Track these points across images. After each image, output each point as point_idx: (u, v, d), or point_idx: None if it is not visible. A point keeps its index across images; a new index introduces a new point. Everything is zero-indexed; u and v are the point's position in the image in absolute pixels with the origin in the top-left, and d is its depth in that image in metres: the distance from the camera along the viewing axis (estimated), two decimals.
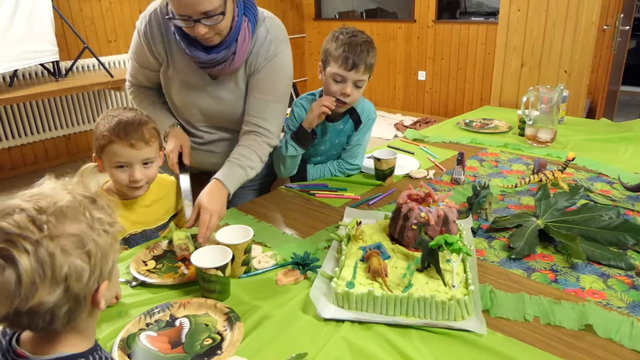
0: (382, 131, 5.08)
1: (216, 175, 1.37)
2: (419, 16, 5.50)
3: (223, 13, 1.29)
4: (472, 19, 5.30)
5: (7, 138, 4.11)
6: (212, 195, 1.31)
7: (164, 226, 1.41)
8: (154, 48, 1.47)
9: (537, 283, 1.10)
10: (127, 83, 1.65)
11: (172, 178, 1.49)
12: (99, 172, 0.74)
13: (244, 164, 1.43)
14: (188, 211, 1.37)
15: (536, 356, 0.88)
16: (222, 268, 1.02)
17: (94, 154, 1.28)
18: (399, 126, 5.40)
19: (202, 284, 1.05)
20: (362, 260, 1.12)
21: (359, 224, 1.23)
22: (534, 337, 0.93)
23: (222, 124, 1.59)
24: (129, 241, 1.34)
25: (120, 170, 1.26)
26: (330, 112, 1.59)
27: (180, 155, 1.51)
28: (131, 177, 1.25)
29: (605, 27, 3.96)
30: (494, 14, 5.29)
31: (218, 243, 1.11)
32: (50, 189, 0.67)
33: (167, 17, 1.37)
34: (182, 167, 1.50)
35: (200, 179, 1.56)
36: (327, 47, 1.60)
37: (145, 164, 1.28)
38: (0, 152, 4.14)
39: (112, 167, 1.26)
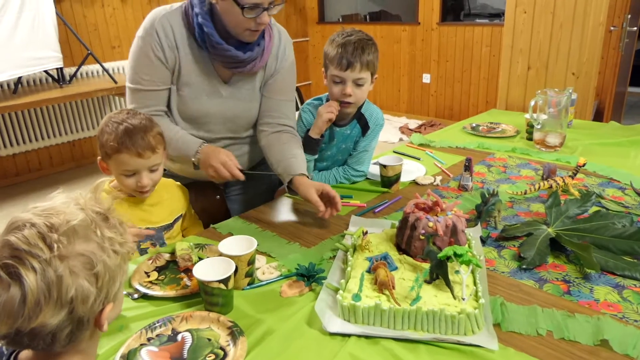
0: (386, 135, 5.05)
1: (301, 171, 1.42)
2: (423, 18, 5.48)
3: (283, 1, 1.34)
4: (477, 20, 5.27)
5: (11, 144, 4.11)
6: (314, 183, 1.39)
7: (169, 227, 1.41)
8: (167, 57, 1.39)
9: (550, 295, 1.07)
10: None
11: (178, 182, 1.51)
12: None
13: (303, 159, 1.49)
14: None
15: None
16: (225, 281, 1.00)
17: (99, 158, 1.29)
18: (404, 129, 5.37)
19: (204, 297, 1.03)
20: (369, 271, 1.09)
21: (365, 233, 1.20)
22: (548, 352, 0.90)
23: (230, 128, 1.55)
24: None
25: (128, 177, 1.28)
26: (334, 118, 1.57)
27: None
28: (139, 183, 1.28)
29: (612, 28, 3.92)
30: (498, 15, 5.26)
31: (221, 254, 1.08)
32: (62, 205, 0.65)
33: (242, 6, 1.26)
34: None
35: (192, 189, 1.56)
36: (326, 51, 1.60)
37: (152, 169, 1.30)
38: (5, 158, 4.14)
39: (120, 174, 1.28)
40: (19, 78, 3.72)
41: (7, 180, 4.18)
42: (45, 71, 3.87)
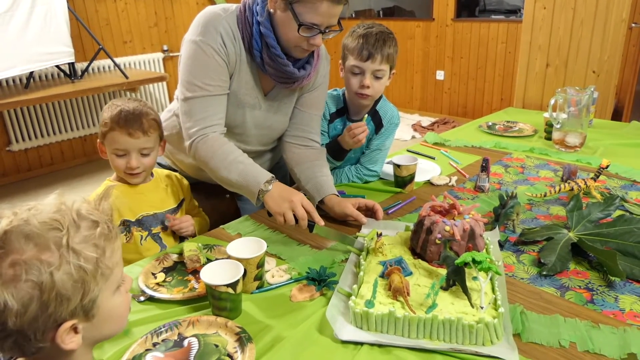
0: (399, 132, 4.98)
1: (332, 192, 1.40)
2: (437, 14, 5.40)
3: (340, 29, 1.30)
4: (493, 17, 5.17)
5: (23, 139, 4.12)
6: (347, 199, 1.39)
7: (174, 210, 1.41)
8: (229, 60, 1.31)
9: (572, 303, 1.02)
10: (194, 138, 1.30)
11: (173, 172, 1.50)
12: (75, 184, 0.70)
13: (332, 179, 1.46)
14: None
15: None
16: (233, 285, 0.96)
17: (98, 140, 1.33)
18: (417, 127, 5.31)
19: (212, 301, 0.99)
20: (382, 276, 1.05)
21: (379, 235, 1.16)
22: None
23: (261, 140, 1.50)
24: (142, 222, 1.34)
25: (119, 157, 1.29)
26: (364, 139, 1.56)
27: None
28: (128, 164, 1.29)
29: (633, 25, 3.82)
30: (514, 11, 5.16)
31: (229, 257, 1.05)
32: (43, 204, 0.62)
33: (300, 23, 1.21)
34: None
35: (202, 187, 1.54)
36: (345, 42, 1.57)
37: (143, 153, 1.31)
38: (17, 153, 4.15)
39: (112, 153, 1.30)
40: (31, 73, 3.72)
41: (20, 175, 4.20)
42: (57, 66, 3.87)
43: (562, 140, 1.92)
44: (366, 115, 1.62)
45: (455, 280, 0.98)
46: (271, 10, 1.26)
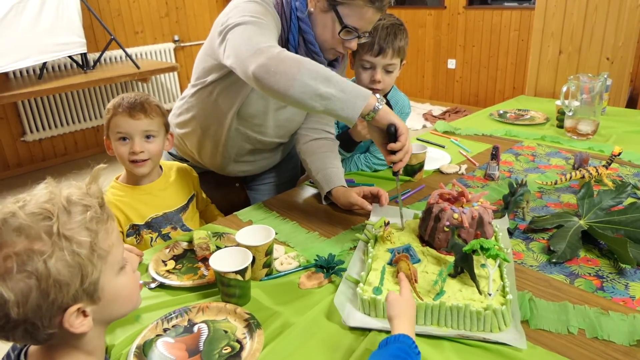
0: (410, 121, 4.95)
1: (341, 183, 1.40)
2: (449, 2, 5.33)
3: (371, 35, 1.31)
4: (506, 4, 5.10)
5: (37, 130, 4.17)
6: (352, 188, 1.39)
7: (184, 208, 1.41)
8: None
9: (581, 291, 1.01)
10: (266, 52, 1.08)
11: (184, 165, 1.50)
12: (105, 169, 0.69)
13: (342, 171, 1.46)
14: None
15: None
16: (242, 272, 0.97)
17: (104, 138, 1.32)
18: (428, 116, 5.27)
19: (221, 288, 1.00)
20: (390, 263, 1.06)
21: (387, 224, 1.16)
22: (580, 352, 0.85)
23: (278, 133, 1.49)
24: (152, 225, 1.34)
25: (122, 143, 1.28)
26: None
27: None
28: (131, 149, 1.27)
29: None
30: None
31: (238, 244, 1.06)
32: (31, 195, 0.63)
33: (344, 26, 1.22)
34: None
35: (211, 177, 1.55)
36: None
37: (147, 137, 1.29)
38: (32, 144, 4.20)
39: (116, 140, 1.28)
40: (44, 64, 3.76)
41: (34, 165, 4.25)
42: (70, 57, 3.90)
43: (574, 127, 1.90)
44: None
45: (463, 267, 0.98)
46: (311, 9, 1.26)
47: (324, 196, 1.42)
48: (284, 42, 1.30)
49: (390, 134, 1.12)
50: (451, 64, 5.55)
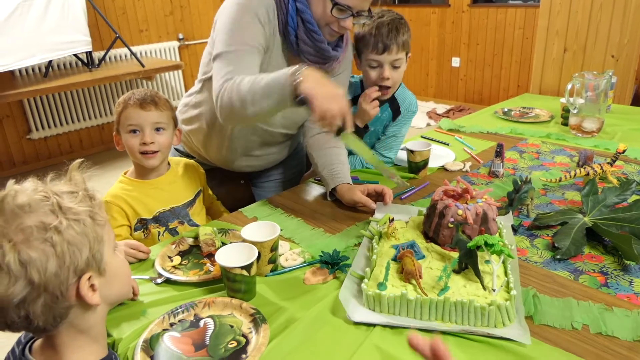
0: (414, 120, 4.94)
1: (346, 180, 1.40)
2: (453, 0, 5.32)
3: (370, 16, 1.30)
4: (510, 2, 5.09)
5: (43, 128, 4.19)
6: (356, 186, 1.39)
7: (191, 203, 1.42)
8: (267, 30, 1.29)
9: (586, 287, 1.02)
10: (219, 90, 1.23)
11: (191, 160, 1.51)
12: (92, 172, 0.74)
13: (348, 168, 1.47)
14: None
15: None
16: (248, 267, 0.98)
17: (114, 134, 1.34)
18: (432, 114, 5.27)
19: (227, 283, 1.01)
20: (395, 259, 1.06)
21: (391, 220, 1.17)
22: (584, 348, 0.86)
23: (284, 124, 1.50)
24: (159, 219, 1.35)
25: (133, 136, 1.30)
26: (378, 110, 1.55)
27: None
28: (142, 141, 1.29)
29: None
30: None
31: (244, 240, 1.06)
32: (7, 191, 0.67)
33: (335, 3, 1.23)
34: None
35: (217, 174, 1.56)
36: (357, 34, 1.55)
37: (157, 130, 1.31)
38: (38, 141, 4.22)
39: (126, 133, 1.30)
40: (50, 62, 3.78)
41: (40, 162, 4.28)
42: (75, 55, 3.92)
43: (578, 125, 1.90)
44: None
45: (468, 263, 0.99)
46: None
47: (328, 192, 1.43)
48: (283, 28, 1.31)
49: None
50: (455, 62, 5.54)
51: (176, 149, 1.64)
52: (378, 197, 1.37)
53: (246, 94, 1.16)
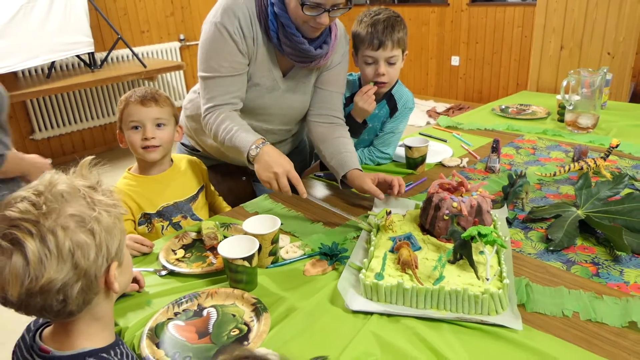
0: (414, 118, 4.98)
1: (355, 166, 1.42)
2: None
3: (349, 7, 1.32)
4: (509, 0, 5.11)
5: (46, 128, 4.23)
6: (367, 174, 1.41)
7: (194, 197, 1.45)
8: (246, 43, 1.34)
9: (577, 277, 1.05)
10: (204, 114, 1.38)
11: (194, 157, 1.55)
12: (97, 167, 0.78)
13: (356, 155, 1.49)
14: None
15: (576, 354, 0.84)
16: (249, 258, 1.01)
17: (117, 131, 1.38)
18: (432, 113, 5.30)
19: (229, 274, 1.04)
20: (392, 251, 1.09)
21: (388, 213, 1.20)
22: (574, 334, 0.89)
23: (283, 120, 1.54)
24: (163, 214, 1.38)
25: (135, 132, 1.34)
26: (375, 105, 1.58)
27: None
28: (143, 136, 1.33)
29: None
30: None
31: (245, 233, 1.10)
32: (48, 177, 0.71)
33: (302, 3, 1.25)
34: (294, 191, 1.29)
35: (219, 169, 1.59)
36: (354, 32, 1.59)
37: (158, 126, 1.35)
38: (40, 142, 4.26)
39: (128, 129, 1.34)
40: (52, 63, 3.82)
41: None
42: (78, 56, 3.95)
43: (574, 121, 1.93)
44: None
45: (462, 253, 1.02)
46: None
47: (339, 181, 1.45)
48: (266, 30, 1.35)
49: None
50: (455, 60, 5.57)
51: (182, 144, 1.67)
52: (389, 186, 1.38)
53: (219, 140, 1.35)
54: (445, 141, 1.92)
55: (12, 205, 0.66)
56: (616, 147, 1.47)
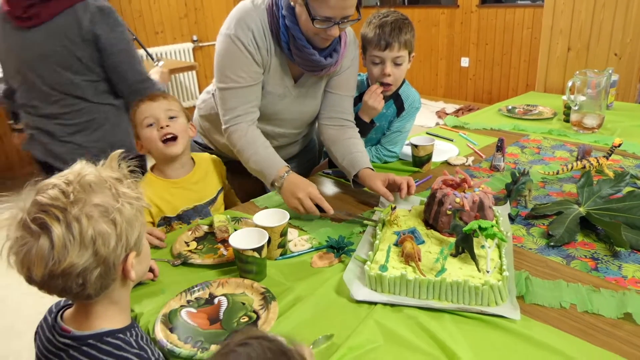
0: (423, 119, 5.01)
1: (366, 165, 1.46)
2: (462, 1, 5.37)
3: (358, 18, 1.35)
4: (518, 2, 5.12)
5: None
6: (378, 174, 1.43)
7: (213, 200, 1.48)
8: (260, 54, 1.38)
9: (576, 271, 1.08)
10: (227, 126, 1.43)
11: (213, 155, 1.58)
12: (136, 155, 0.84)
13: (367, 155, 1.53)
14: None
15: (572, 344, 0.87)
16: (259, 249, 1.06)
17: (136, 140, 1.41)
18: (441, 114, 5.31)
19: (239, 265, 1.09)
20: (396, 244, 1.13)
21: (393, 209, 1.24)
22: (570, 324, 0.92)
23: (294, 125, 1.58)
24: (182, 217, 1.41)
25: (151, 128, 1.35)
26: (383, 104, 1.62)
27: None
28: (159, 126, 1.34)
29: None
30: None
31: (256, 226, 1.14)
32: (79, 167, 0.75)
33: (313, 17, 1.28)
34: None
35: (230, 166, 1.63)
36: (363, 33, 1.62)
37: (171, 118, 1.37)
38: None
39: (144, 129, 1.35)
40: None
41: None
42: None
43: (579, 121, 1.95)
44: None
45: (464, 247, 1.06)
46: (292, 3, 1.34)
47: (352, 181, 1.49)
48: (277, 40, 1.39)
49: None
50: (464, 62, 5.58)
51: (195, 142, 1.72)
52: (398, 188, 1.40)
53: (243, 159, 1.43)
54: (452, 140, 1.95)
55: (43, 192, 0.70)
56: (618, 146, 1.49)
